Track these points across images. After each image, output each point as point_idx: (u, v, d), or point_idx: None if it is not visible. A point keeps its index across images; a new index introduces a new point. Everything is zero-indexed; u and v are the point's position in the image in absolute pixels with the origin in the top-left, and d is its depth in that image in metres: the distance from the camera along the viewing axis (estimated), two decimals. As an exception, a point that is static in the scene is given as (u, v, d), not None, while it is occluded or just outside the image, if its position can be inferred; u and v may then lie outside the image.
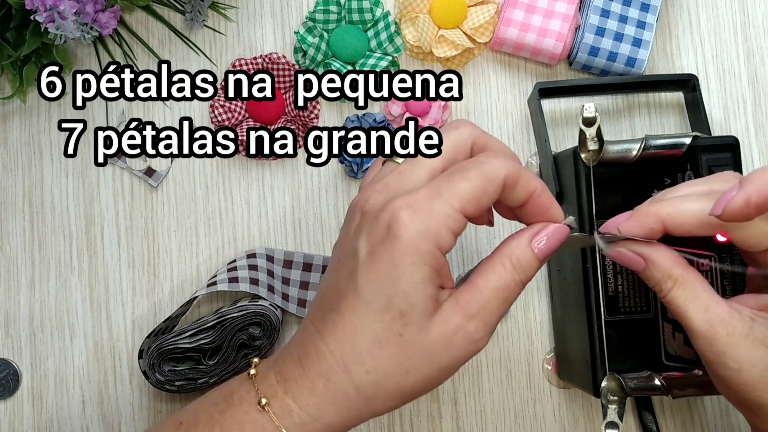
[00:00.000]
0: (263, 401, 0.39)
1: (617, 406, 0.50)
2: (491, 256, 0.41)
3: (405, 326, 0.38)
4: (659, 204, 0.43)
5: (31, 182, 0.59)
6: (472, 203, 0.38)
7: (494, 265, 0.40)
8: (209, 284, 0.55)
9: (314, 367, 0.39)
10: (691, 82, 0.58)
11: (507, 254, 0.40)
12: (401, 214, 0.38)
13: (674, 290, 0.43)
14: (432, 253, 0.38)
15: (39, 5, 0.51)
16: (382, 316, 0.38)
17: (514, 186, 0.39)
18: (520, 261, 0.40)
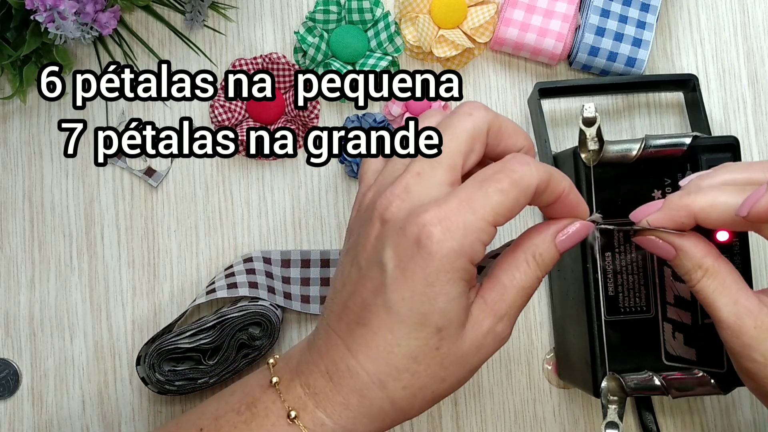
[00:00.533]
0: (293, 414, 0.39)
1: (617, 406, 0.50)
2: (515, 250, 0.40)
3: (441, 340, 0.38)
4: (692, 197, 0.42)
5: (31, 182, 0.59)
6: (505, 215, 0.37)
7: (518, 262, 0.40)
8: (208, 291, 0.55)
9: (347, 384, 0.38)
10: (691, 82, 0.58)
11: (531, 250, 0.40)
12: (434, 230, 0.36)
13: (704, 280, 0.42)
14: (466, 269, 0.37)
15: (39, 5, 0.51)
16: (418, 333, 0.37)
17: (545, 191, 0.39)
18: (543, 258, 0.40)
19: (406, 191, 0.38)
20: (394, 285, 0.37)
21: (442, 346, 0.38)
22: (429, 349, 0.38)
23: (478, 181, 0.38)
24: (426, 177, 0.38)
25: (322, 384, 0.39)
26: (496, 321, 0.39)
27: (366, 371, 0.38)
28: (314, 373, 0.39)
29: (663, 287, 0.51)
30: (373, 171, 0.43)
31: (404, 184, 0.39)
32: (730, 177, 0.43)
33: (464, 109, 0.40)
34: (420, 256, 0.36)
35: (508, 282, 0.39)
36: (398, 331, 0.37)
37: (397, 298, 0.37)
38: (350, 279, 0.40)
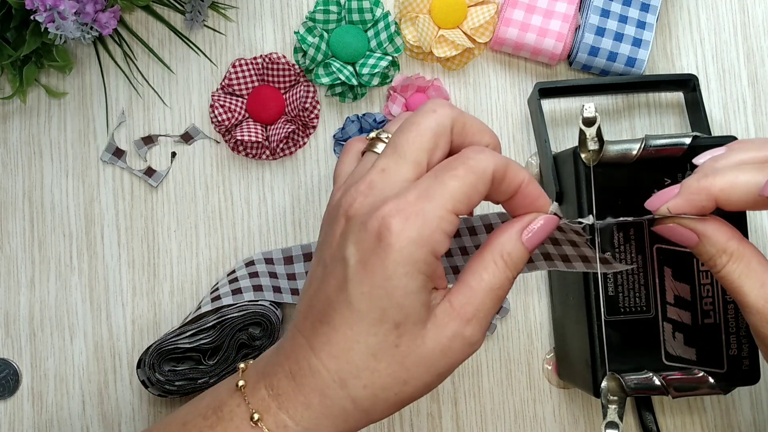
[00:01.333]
0: (256, 416, 0.38)
1: (617, 406, 0.50)
2: (482, 252, 0.39)
3: (400, 337, 0.37)
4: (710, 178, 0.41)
5: (31, 182, 0.59)
6: (464, 202, 0.37)
7: (486, 263, 0.39)
8: (213, 298, 0.55)
9: (308, 384, 0.38)
10: (691, 82, 0.58)
11: (498, 251, 0.39)
12: (392, 221, 0.36)
13: (729, 265, 0.42)
14: (426, 261, 0.37)
15: (39, 5, 0.51)
16: (377, 329, 0.37)
17: (503, 179, 0.38)
18: (511, 257, 0.39)
19: (370, 187, 0.38)
20: (355, 280, 0.37)
21: (401, 344, 0.37)
22: (388, 346, 0.37)
23: (434, 172, 0.38)
24: (390, 173, 0.38)
25: (285, 384, 0.38)
26: (464, 324, 0.38)
27: (327, 369, 0.38)
28: (278, 374, 0.39)
29: (663, 287, 0.51)
30: (345, 172, 0.43)
31: (368, 180, 0.38)
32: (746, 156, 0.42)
33: (428, 106, 0.40)
34: (380, 249, 0.36)
35: (475, 284, 0.38)
36: (358, 327, 0.37)
37: (357, 293, 0.37)
38: (316, 277, 0.39)
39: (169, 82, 0.60)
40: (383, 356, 0.37)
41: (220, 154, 0.60)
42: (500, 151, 0.42)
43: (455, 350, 0.38)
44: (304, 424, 0.38)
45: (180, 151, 0.60)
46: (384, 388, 0.38)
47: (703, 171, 0.42)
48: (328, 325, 0.38)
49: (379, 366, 0.37)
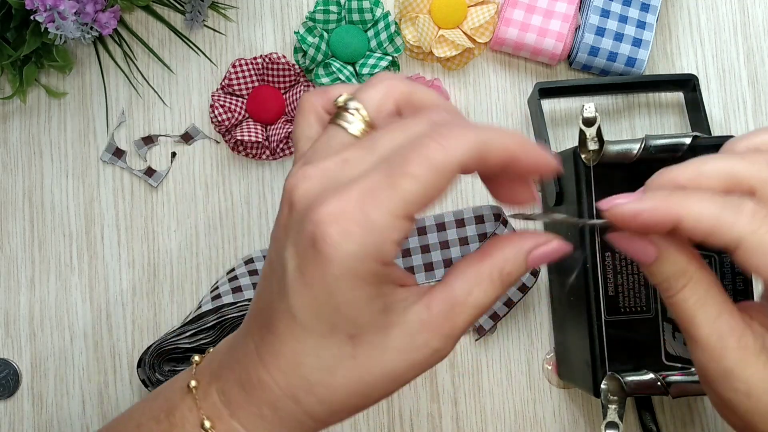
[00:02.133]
0: (207, 424, 0.35)
1: (617, 406, 0.50)
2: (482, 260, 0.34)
3: (356, 347, 0.33)
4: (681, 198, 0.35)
5: (31, 182, 0.59)
6: (419, 204, 0.31)
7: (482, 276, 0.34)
8: (213, 297, 0.55)
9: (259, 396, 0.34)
10: (691, 82, 0.58)
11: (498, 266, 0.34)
12: (329, 230, 0.30)
13: (685, 290, 0.36)
14: (373, 271, 0.31)
15: (39, 5, 0.51)
16: (328, 341, 0.32)
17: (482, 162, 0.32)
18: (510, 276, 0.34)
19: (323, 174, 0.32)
20: (294, 289, 0.32)
21: (359, 355, 0.33)
22: (344, 359, 0.33)
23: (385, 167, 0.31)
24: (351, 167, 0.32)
25: (236, 393, 0.35)
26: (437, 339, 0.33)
27: (277, 384, 0.34)
28: (229, 380, 0.36)
29: (663, 287, 0.51)
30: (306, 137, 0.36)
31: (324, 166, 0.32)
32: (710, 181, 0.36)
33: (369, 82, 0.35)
34: (317, 260, 0.31)
35: (462, 296, 0.33)
36: (305, 341, 0.33)
37: (299, 305, 0.32)
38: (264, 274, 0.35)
39: (169, 82, 0.60)
40: (338, 370, 0.33)
41: (220, 154, 0.60)
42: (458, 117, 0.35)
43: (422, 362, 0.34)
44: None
45: (180, 151, 0.60)
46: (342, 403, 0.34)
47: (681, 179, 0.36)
48: (273, 334, 0.34)
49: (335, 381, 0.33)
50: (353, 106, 0.34)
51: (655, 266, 0.36)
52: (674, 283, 0.36)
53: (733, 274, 0.50)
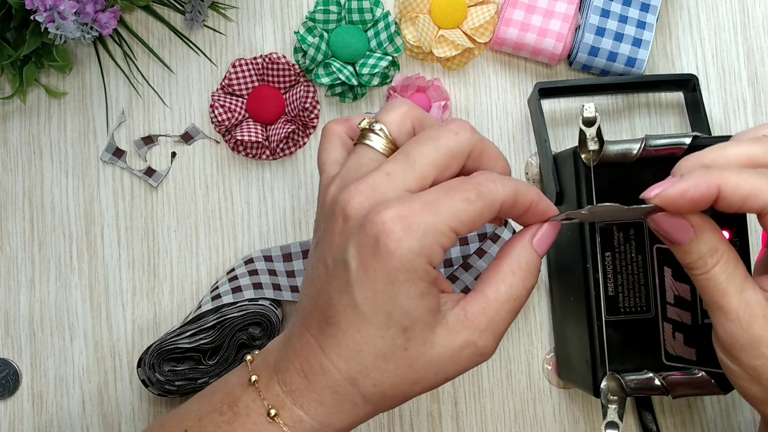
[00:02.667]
0: (273, 412, 0.39)
1: (617, 406, 0.50)
2: (498, 263, 0.40)
3: (408, 340, 0.38)
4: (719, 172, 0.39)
5: (31, 182, 0.59)
6: (467, 225, 0.37)
7: (503, 273, 0.39)
8: (213, 297, 0.55)
9: (320, 382, 0.39)
10: (691, 82, 0.58)
11: (515, 260, 0.39)
12: (394, 228, 0.36)
13: (717, 267, 0.40)
14: (425, 269, 0.37)
15: (39, 5, 0.51)
16: (385, 332, 0.37)
17: (512, 206, 0.39)
18: (528, 265, 0.39)
19: (372, 188, 0.38)
20: (357, 284, 0.37)
21: (410, 347, 0.38)
22: (397, 349, 0.38)
23: (444, 188, 0.37)
24: (395, 179, 0.38)
25: (298, 382, 0.39)
26: (477, 335, 0.38)
27: (338, 369, 0.38)
28: (290, 371, 0.40)
29: (663, 287, 0.51)
30: (332, 161, 0.42)
31: (371, 181, 0.38)
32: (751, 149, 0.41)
33: (452, 127, 0.39)
34: (380, 254, 0.36)
35: (492, 295, 0.39)
36: (365, 330, 0.37)
37: (361, 298, 0.37)
38: (318, 276, 0.39)
39: (169, 82, 0.60)
40: (392, 358, 0.38)
41: (220, 154, 0.60)
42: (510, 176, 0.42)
43: (465, 358, 0.38)
44: (318, 418, 0.39)
45: (180, 151, 0.60)
46: (392, 387, 0.39)
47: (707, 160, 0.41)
48: (335, 326, 0.38)
49: (388, 367, 0.38)
50: (378, 127, 0.40)
51: (691, 245, 0.40)
52: (708, 260, 0.40)
53: None
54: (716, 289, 0.40)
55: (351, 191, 0.38)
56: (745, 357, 0.40)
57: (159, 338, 0.55)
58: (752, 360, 0.40)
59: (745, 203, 0.39)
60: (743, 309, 0.40)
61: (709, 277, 0.41)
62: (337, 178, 0.40)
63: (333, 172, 0.41)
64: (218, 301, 0.55)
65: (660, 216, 0.41)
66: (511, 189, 0.38)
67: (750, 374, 0.40)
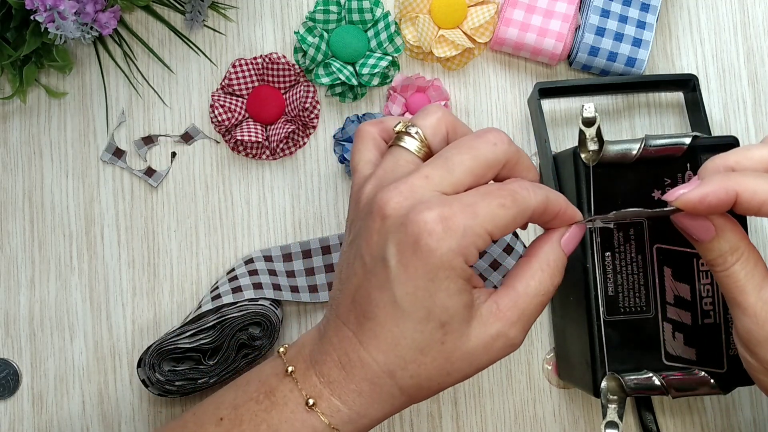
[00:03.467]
0: (311, 401, 0.40)
1: (617, 406, 0.50)
2: (528, 260, 0.42)
3: (446, 335, 0.39)
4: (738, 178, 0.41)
5: (31, 182, 0.59)
6: (501, 229, 0.39)
7: (533, 270, 0.41)
8: (213, 297, 0.55)
9: (359, 374, 0.40)
10: (691, 82, 0.58)
11: (544, 259, 0.42)
12: (435, 228, 0.38)
13: (737, 264, 0.42)
14: (463, 268, 0.38)
15: (39, 5, 0.51)
16: (423, 327, 0.39)
17: (543, 213, 0.41)
18: (557, 264, 0.42)
19: (411, 190, 0.39)
20: (398, 281, 0.38)
21: (447, 341, 0.39)
22: (434, 343, 0.39)
23: (482, 193, 0.39)
24: (433, 182, 0.39)
25: (336, 373, 0.41)
26: (508, 326, 0.40)
27: (376, 362, 0.40)
28: (327, 363, 0.41)
29: (663, 287, 0.51)
30: (366, 161, 0.43)
31: (410, 182, 0.39)
32: None
33: (490, 138, 0.41)
34: (421, 252, 0.38)
35: (522, 289, 0.41)
36: (404, 325, 0.39)
37: (401, 294, 0.38)
38: (355, 273, 0.41)
39: (169, 82, 0.60)
40: (429, 351, 0.39)
41: (220, 154, 0.60)
42: None
43: (497, 348, 0.40)
44: (356, 408, 0.41)
45: (180, 151, 0.60)
46: (429, 379, 0.40)
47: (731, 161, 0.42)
48: (374, 321, 0.40)
49: (425, 360, 0.40)
50: (414, 130, 0.42)
51: (713, 242, 0.42)
52: (729, 257, 0.42)
53: None
54: (735, 286, 0.42)
55: (390, 191, 0.39)
56: (761, 351, 0.42)
57: (159, 338, 0.55)
58: None
59: (762, 208, 0.40)
60: (760, 306, 0.41)
61: (728, 274, 0.42)
62: (373, 177, 0.42)
63: (367, 172, 0.43)
64: (218, 301, 0.55)
65: (682, 216, 0.43)
66: (543, 197, 0.41)
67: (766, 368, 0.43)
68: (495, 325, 0.40)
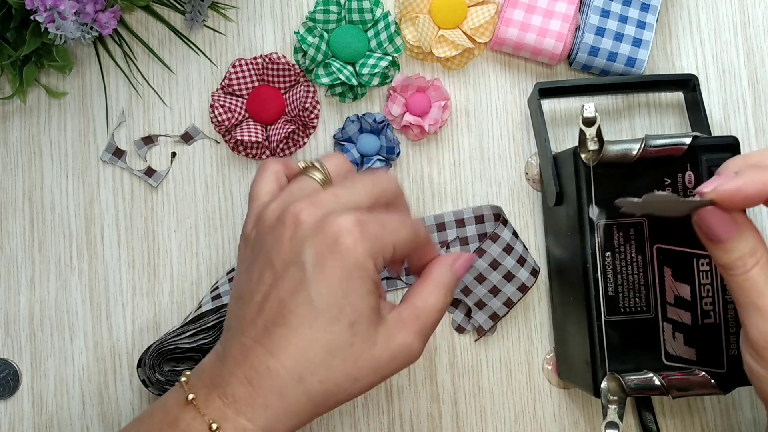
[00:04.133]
0: (214, 426, 0.40)
1: (617, 406, 0.50)
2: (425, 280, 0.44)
3: (354, 335, 0.40)
4: None
5: (31, 182, 0.59)
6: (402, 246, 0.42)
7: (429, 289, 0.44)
8: (213, 297, 0.55)
9: (266, 385, 0.40)
10: (691, 82, 0.58)
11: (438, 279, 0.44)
12: (354, 230, 0.40)
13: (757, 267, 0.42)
14: (374, 271, 0.41)
15: (39, 5, 0.51)
16: (333, 327, 0.40)
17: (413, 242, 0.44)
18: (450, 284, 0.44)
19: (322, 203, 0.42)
20: (313, 280, 0.40)
21: (355, 343, 0.40)
22: (343, 344, 0.40)
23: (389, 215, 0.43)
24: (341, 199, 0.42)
25: (242, 391, 0.40)
26: (412, 336, 0.42)
27: (285, 368, 0.40)
28: (232, 382, 0.40)
29: (663, 287, 0.51)
30: (267, 191, 0.45)
31: (321, 197, 0.42)
32: None
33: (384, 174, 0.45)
34: (339, 252, 0.40)
35: (421, 305, 0.43)
36: (316, 325, 0.40)
37: (316, 293, 0.40)
38: (263, 282, 0.41)
39: (169, 82, 0.60)
40: (338, 353, 0.40)
41: (220, 154, 0.60)
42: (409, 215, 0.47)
43: (401, 358, 0.42)
44: (261, 423, 0.40)
45: (180, 151, 0.60)
46: (337, 384, 0.40)
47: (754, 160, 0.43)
48: (285, 326, 0.40)
49: (334, 362, 0.40)
50: (319, 164, 0.45)
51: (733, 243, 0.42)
52: (749, 259, 0.42)
53: None
54: (754, 289, 0.42)
55: (302, 202, 0.41)
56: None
57: (159, 338, 0.55)
58: None
59: None
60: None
61: (748, 277, 0.42)
62: (276, 200, 0.43)
63: (266, 198, 0.45)
64: (218, 301, 0.55)
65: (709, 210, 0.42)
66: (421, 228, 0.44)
67: None
68: (400, 333, 0.42)
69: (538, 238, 0.60)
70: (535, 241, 0.60)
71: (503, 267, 0.57)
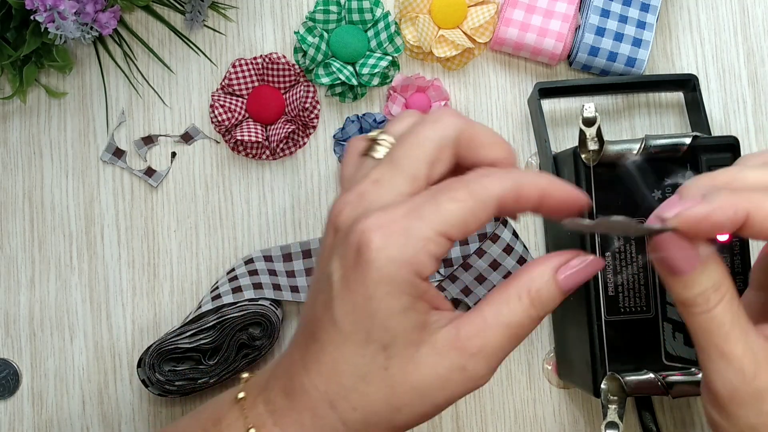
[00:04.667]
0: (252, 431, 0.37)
1: (617, 406, 0.50)
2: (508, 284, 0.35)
3: (389, 359, 0.34)
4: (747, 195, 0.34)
5: (31, 182, 0.59)
6: (458, 227, 0.33)
7: (509, 297, 0.35)
8: (213, 297, 0.55)
9: (300, 402, 0.36)
10: (691, 82, 0.58)
11: (526, 286, 0.35)
12: (373, 237, 0.33)
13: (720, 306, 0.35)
14: (410, 282, 0.33)
15: (39, 5, 0.51)
16: (364, 350, 0.34)
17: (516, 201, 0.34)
18: (540, 295, 0.35)
19: (360, 198, 0.35)
20: (338, 298, 0.34)
21: (391, 366, 0.34)
22: (377, 368, 0.34)
23: (432, 191, 0.34)
24: (384, 185, 0.35)
25: (280, 401, 0.37)
26: (466, 357, 0.34)
27: (317, 389, 0.35)
28: (275, 389, 0.37)
29: (663, 287, 0.51)
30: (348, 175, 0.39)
31: (359, 190, 0.35)
32: None
33: (431, 117, 0.36)
34: (360, 267, 0.33)
35: (491, 317, 0.34)
36: (344, 348, 0.34)
37: (341, 313, 0.34)
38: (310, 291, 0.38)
39: (169, 82, 0.60)
40: (372, 379, 0.34)
41: (220, 154, 0.60)
42: (515, 163, 0.37)
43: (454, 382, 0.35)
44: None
45: (180, 151, 0.60)
46: (375, 413, 0.35)
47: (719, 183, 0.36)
48: (317, 342, 0.35)
49: (368, 389, 0.35)
50: (383, 137, 0.37)
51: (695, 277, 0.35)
52: (712, 296, 0.35)
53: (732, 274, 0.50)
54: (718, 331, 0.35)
55: (340, 202, 0.36)
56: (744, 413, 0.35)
57: (159, 338, 0.55)
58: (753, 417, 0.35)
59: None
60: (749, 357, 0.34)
61: (711, 316, 0.35)
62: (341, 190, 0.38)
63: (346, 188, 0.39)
64: (218, 301, 0.55)
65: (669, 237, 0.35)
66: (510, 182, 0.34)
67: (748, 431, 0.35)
68: (450, 354, 0.34)
69: (538, 238, 0.60)
70: (535, 241, 0.60)
71: (503, 267, 0.57)
